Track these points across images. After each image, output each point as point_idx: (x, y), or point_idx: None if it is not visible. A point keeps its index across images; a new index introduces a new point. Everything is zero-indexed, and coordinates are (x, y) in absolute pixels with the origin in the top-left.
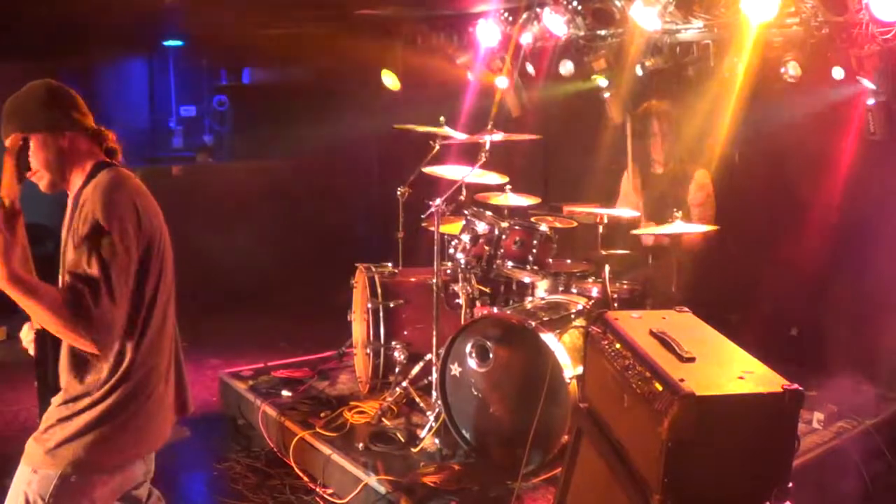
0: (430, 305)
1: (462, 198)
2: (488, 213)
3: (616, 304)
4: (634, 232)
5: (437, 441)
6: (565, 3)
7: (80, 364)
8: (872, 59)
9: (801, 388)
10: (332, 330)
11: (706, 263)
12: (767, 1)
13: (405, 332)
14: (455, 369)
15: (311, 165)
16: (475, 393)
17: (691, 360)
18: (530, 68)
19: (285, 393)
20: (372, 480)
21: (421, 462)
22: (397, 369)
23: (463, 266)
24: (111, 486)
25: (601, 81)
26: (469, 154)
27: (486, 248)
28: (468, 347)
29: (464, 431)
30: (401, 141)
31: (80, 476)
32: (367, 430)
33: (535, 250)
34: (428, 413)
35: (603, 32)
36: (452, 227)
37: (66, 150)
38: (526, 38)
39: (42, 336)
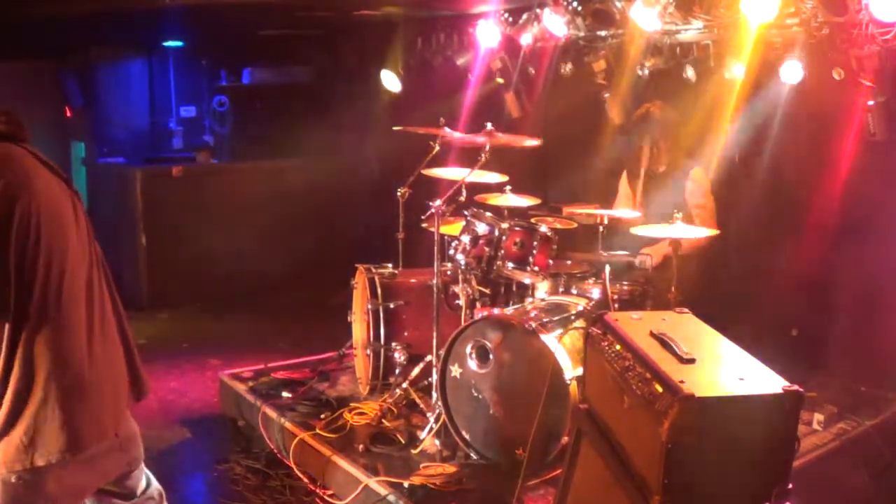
0: (431, 306)
1: (462, 198)
2: (488, 213)
3: (616, 306)
4: (634, 231)
5: (437, 442)
6: (565, 3)
7: None
8: (872, 59)
9: (801, 389)
10: (332, 331)
11: (706, 264)
12: (767, 1)
13: (405, 334)
14: (455, 370)
15: (311, 165)
16: (475, 394)
17: (691, 361)
18: (530, 69)
19: (285, 394)
20: (372, 482)
21: (421, 463)
22: (397, 370)
23: (463, 267)
24: (67, 482)
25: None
26: (469, 155)
27: (487, 249)
28: (468, 349)
29: (464, 433)
30: (401, 141)
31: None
32: (368, 431)
33: (535, 251)
34: (428, 414)
35: (603, 33)
36: (452, 228)
37: None
38: (526, 39)
39: None
